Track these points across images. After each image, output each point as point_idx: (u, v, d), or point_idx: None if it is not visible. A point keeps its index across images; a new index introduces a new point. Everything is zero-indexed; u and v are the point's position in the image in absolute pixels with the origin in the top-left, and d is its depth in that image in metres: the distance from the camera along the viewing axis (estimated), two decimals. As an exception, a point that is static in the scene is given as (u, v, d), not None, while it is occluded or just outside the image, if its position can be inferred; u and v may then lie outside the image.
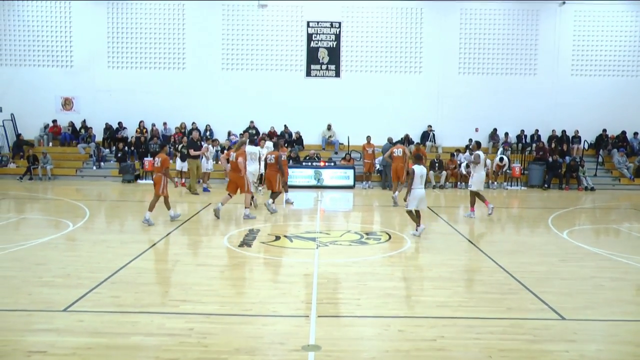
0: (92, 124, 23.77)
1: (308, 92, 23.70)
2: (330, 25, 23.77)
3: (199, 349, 5.31)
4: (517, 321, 6.20)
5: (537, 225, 13.26)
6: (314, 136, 23.90)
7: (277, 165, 13.69)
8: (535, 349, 5.47)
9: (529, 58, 24.02)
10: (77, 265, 8.34)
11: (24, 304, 6.56)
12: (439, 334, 5.78)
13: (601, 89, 23.90)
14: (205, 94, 23.73)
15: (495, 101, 23.88)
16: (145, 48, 23.81)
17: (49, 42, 23.80)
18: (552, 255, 9.59)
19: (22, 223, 12.49)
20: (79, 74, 23.71)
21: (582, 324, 6.22)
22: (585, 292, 7.42)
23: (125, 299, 6.76)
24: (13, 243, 9.59)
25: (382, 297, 7.00)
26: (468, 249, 10.16)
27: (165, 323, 5.98)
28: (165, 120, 23.61)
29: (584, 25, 23.97)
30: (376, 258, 9.37)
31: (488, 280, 7.95)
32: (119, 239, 10.56)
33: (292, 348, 5.35)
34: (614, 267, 8.89)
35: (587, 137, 23.86)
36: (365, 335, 5.81)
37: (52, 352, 5.20)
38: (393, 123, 22.76)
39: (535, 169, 21.83)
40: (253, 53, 23.86)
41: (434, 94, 24.03)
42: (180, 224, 12.10)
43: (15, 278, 7.61)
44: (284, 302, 6.76)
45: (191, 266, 8.53)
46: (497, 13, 23.95)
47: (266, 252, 9.59)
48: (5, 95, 23.71)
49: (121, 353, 5.20)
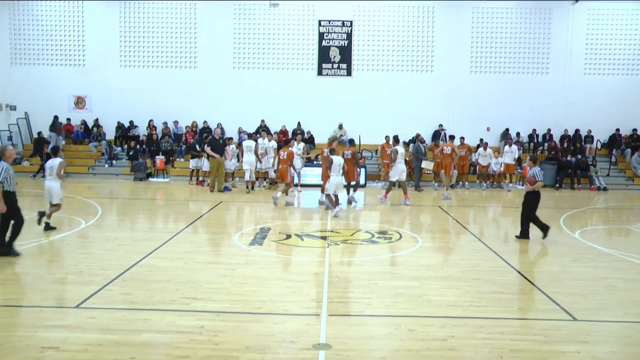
0: (104, 122, 23.93)
1: (319, 91, 23.68)
2: (342, 24, 23.75)
3: (210, 346, 5.34)
4: (528, 321, 6.17)
5: (549, 225, 13.14)
6: (325, 135, 23.78)
7: (354, 160, 15.27)
8: (546, 349, 5.44)
9: (541, 57, 23.84)
10: (89, 262, 8.40)
11: (37, 301, 6.62)
12: (450, 333, 5.76)
13: (614, 88, 23.67)
14: (216, 92, 23.80)
15: (507, 100, 23.72)
16: (157, 47, 23.92)
17: (62, 42, 23.99)
18: (564, 256, 9.53)
19: (35, 220, 12.58)
20: (92, 73, 23.87)
21: (594, 325, 6.18)
22: (598, 293, 7.36)
23: (136, 296, 6.80)
24: (26, 240, 9.68)
25: (392, 297, 6.98)
26: (479, 248, 10.11)
27: (176, 320, 6.01)
28: (176, 118, 23.72)
29: (596, 23, 23.75)
30: (387, 257, 9.36)
31: (499, 280, 7.91)
32: (131, 236, 10.62)
33: (302, 346, 5.36)
34: (627, 268, 8.81)
35: (600, 136, 23.65)
36: (375, 334, 5.80)
37: (64, 348, 5.24)
38: (404, 122, 22.68)
39: (547, 168, 21.65)
40: (264, 52, 23.89)
41: (445, 93, 23.93)
42: (191, 222, 12.15)
43: (28, 275, 7.68)
44: (295, 301, 6.77)
45: (202, 264, 8.57)
46: (510, 11, 23.79)
47: (277, 251, 9.61)
48: (19, 94, 23.94)
49: (132, 350, 5.23)
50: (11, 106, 24.03)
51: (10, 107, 24.04)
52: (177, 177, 21.68)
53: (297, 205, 15.62)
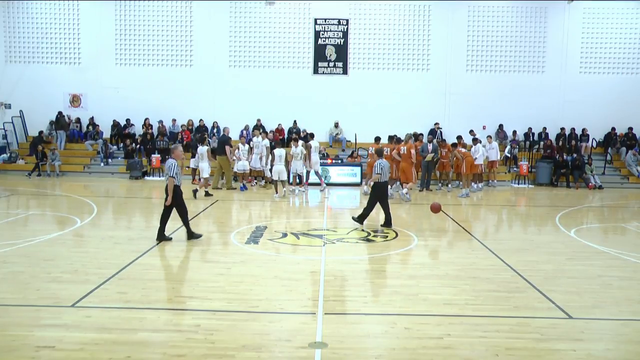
0: (99, 120, 23.87)
1: (315, 90, 23.67)
2: (338, 22, 23.74)
3: (206, 345, 5.33)
4: (524, 320, 6.19)
5: (545, 223, 13.20)
6: (321, 133, 23.82)
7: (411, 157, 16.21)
8: (542, 347, 5.46)
9: (537, 55, 23.89)
10: (85, 261, 8.38)
11: (32, 300, 6.60)
12: (446, 332, 5.78)
13: (610, 87, 23.73)
14: (212, 91, 23.77)
15: (503, 99, 23.76)
16: (152, 45, 23.85)
17: (57, 40, 23.90)
18: (559, 254, 9.56)
19: (31, 219, 12.56)
20: (87, 71, 23.80)
21: (590, 322, 6.20)
22: (593, 291, 7.39)
23: (132, 295, 6.79)
24: (21, 239, 9.66)
25: (388, 295, 6.99)
26: (475, 247, 10.13)
27: (172, 319, 6.00)
28: (172, 117, 23.65)
29: (592, 22, 23.80)
30: (383, 255, 9.37)
31: (495, 278, 7.92)
32: (127, 235, 10.60)
33: (298, 345, 5.36)
34: (622, 266, 8.85)
35: (596, 135, 23.71)
36: (371, 332, 5.81)
37: (60, 347, 5.23)
38: (400, 120, 22.64)
39: (543, 167, 21.74)
40: (260, 50, 23.86)
41: (441, 92, 23.95)
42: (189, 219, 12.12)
43: (23, 274, 7.66)
44: (291, 299, 6.77)
45: (198, 263, 8.56)
46: (505, 10, 23.82)
47: (273, 249, 9.60)
48: (14, 92, 23.85)
49: (128, 349, 5.22)
50: (6, 104, 23.93)
51: (5, 105, 23.94)
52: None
53: (294, 202, 15.60)
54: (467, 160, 17.65)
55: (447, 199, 17.00)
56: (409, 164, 16.27)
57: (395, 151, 16.47)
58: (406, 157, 16.25)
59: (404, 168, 16.26)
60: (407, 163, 16.23)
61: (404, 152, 16.25)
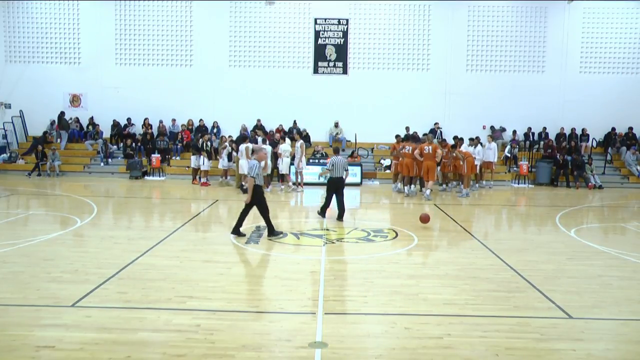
0: (99, 120, 23.87)
1: (315, 90, 23.68)
2: (338, 22, 23.74)
3: (206, 345, 5.33)
4: (524, 319, 6.18)
5: (545, 223, 13.20)
6: (321, 133, 23.87)
7: (436, 157, 16.54)
8: (542, 347, 5.45)
9: (537, 55, 23.90)
10: (85, 261, 8.38)
11: (32, 300, 6.60)
12: (446, 331, 5.77)
13: (610, 87, 23.74)
14: (212, 91, 23.77)
15: (503, 99, 23.76)
16: (152, 45, 23.85)
17: (57, 40, 23.90)
18: (559, 254, 9.55)
19: (31, 219, 12.56)
20: (87, 71, 23.80)
21: (590, 322, 6.20)
22: (593, 291, 7.39)
23: (132, 295, 6.79)
24: (22, 239, 9.65)
25: (388, 295, 6.99)
26: (475, 246, 10.13)
27: (172, 319, 6.00)
28: (172, 117, 23.67)
29: (592, 22, 23.81)
30: (383, 255, 9.36)
31: (495, 278, 7.92)
32: (127, 235, 10.60)
33: (298, 345, 5.36)
34: (622, 266, 8.84)
35: (596, 134, 23.72)
36: (371, 332, 5.81)
37: (60, 347, 5.23)
38: (400, 120, 22.69)
39: (543, 166, 21.74)
40: (260, 50, 23.86)
41: (441, 92, 23.95)
42: (187, 220, 12.14)
43: (23, 274, 7.66)
44: (291, 299, 6.77)
45: (198, 262, 8.55)
46: (505, 10, 23.82)
47: (273, 249, 9.60)
48: (14, 92, 23.86)
49: (128, 349, 5.22)
50: (6, 104, 23.94)
51: (5, 105, 23.95)
52: (173, 175, 21.65)
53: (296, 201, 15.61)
54: (468, 160, 17.66)
55: (447, 199, 17.00)
56: (434, 163, 16.65)
57: (418, 151, 16.59)
58: (431, 156, 16.52)
59: (429, 167, 16.57)
60: (432, 162, 16.57)
61: (428, 152, 16.47)
